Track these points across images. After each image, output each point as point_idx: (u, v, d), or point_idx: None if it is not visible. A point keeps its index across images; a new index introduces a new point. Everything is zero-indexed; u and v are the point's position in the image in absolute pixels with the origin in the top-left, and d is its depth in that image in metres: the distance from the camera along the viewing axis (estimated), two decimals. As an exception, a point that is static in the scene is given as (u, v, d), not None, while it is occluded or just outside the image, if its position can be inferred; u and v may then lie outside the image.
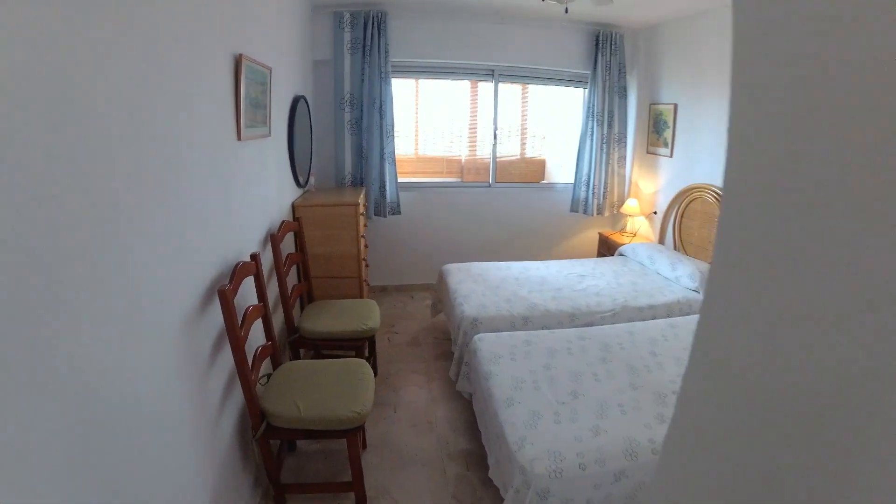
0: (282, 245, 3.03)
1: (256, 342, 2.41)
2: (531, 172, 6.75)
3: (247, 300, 2.36)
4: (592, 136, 4.87)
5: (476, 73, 4.86)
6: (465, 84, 5.49)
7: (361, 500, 2.32)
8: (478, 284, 3.67)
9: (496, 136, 5.05)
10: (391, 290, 5.05)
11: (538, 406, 2.30)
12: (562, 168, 6.40)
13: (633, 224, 5.16)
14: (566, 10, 3.41)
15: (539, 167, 6.85)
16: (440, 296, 4.03)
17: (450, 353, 3.67)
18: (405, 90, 5.35)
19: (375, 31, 4.21)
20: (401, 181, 4.78)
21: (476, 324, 3.10)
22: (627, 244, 4.67)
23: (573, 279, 3.92)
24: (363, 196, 4.05)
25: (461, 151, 5.90)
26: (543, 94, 6.18)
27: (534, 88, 5.98)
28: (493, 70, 4.80)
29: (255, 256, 2.32)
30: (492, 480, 2.34)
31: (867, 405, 0.54)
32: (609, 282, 3.90)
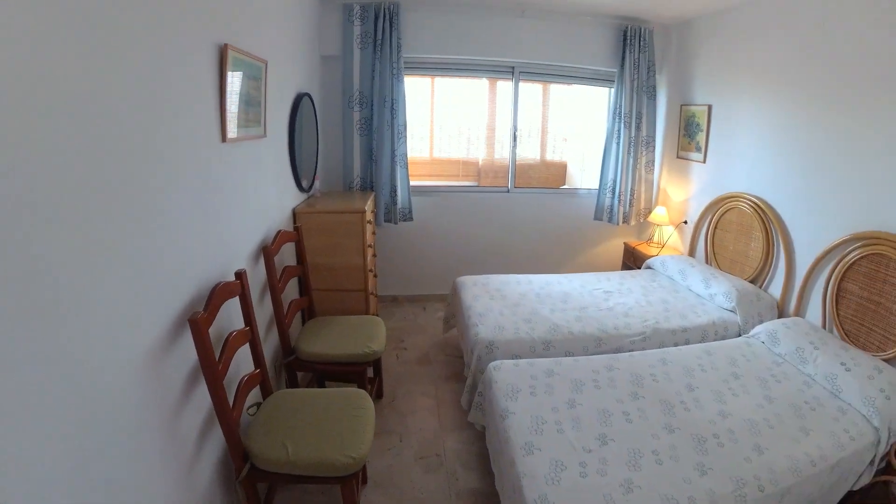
0: (281, 256, 2.76)
1: (244, 369, 2.15)
2: (552, 176, 6.42)
3: (231, 323, 2.09)
4: (619, 139, 4.53)
5: (495, 71, 4.54)
6: (483, 82, 5.20)
7: (358, 555, 2.05)
8: (495, 301, 3.36)
9: (516, 138, 4.73)
10: (402, 301, 4.76)
11: (561, 454, 2.00)
12: (584, 172, 6.08)
13: (661, 234, 4.81)
14: None
15: (560, 171, 6.53)
16: (453, 310, 3.73)
17: (461, 374, 3.38)
18: (419, 88, 5.07)
19: (387, 25, 3.91)
20: (414, 185, 4.49)
21: (492, 348, 2.80)
22: (656, 256, 4.33)
23: (599, 296, 3.60)
24: (372, 201, 3.76)
25: (478, 154, 5.61)
26: (565, 94, 5.86)
27: (555, 88, 5.67)
28: (514, 67, 4.48)
29: (241, 275, 2.05)
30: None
31: None
32: (638, 299, 3.57)
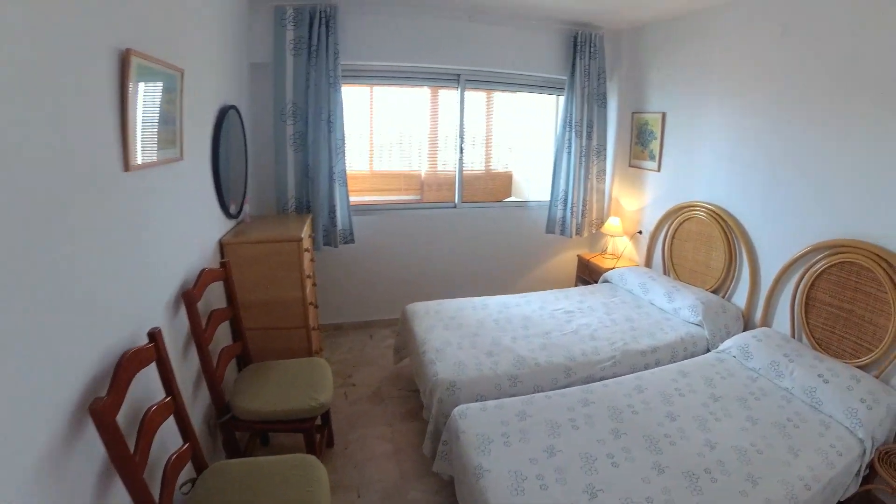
0: (207, 298, 2.36)
1: (171, 444, 1.76)
2: (497, 187, 6.24)
3: (149, 394, 1.70)
4: (570, 149, 4.36)
5: (439, 79, 4.26)
6: (425, 91, 4.94)
7: None
8: (451, 332, 3.06)
9: (462, 150, 4.46)
10: (347, 329, 4.38)
11: (550, 519, 1.72)
12: (531, 183, 5.92)
13: (616, 245, 4.68)
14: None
15: (505, 182, 6.35)
16: (404, 340, 3.40)
17: (419, 411, 3.06)
18: (358, 98, 4.74)
19: (323, 30, 3.55)
20: (355, 204, 4.13)
21: (454, 389, 2.49)
22: (613, 269, 4.17)
23: (561, 318, 3.37)
24: (309, 225, 3.38)
25: (421, 166, 5.34)
26: (510, 102, 5.69)
27: (499, 95, 5.50)
28: (459, 75, 4.22)
29: (156, 335, 1.66)
30: None
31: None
32: (601, 318, 3.38)
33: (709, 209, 3.59)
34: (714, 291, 3.58)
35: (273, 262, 2.81)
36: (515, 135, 6.01)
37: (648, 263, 4.28)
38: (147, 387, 1.68)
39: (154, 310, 1.88)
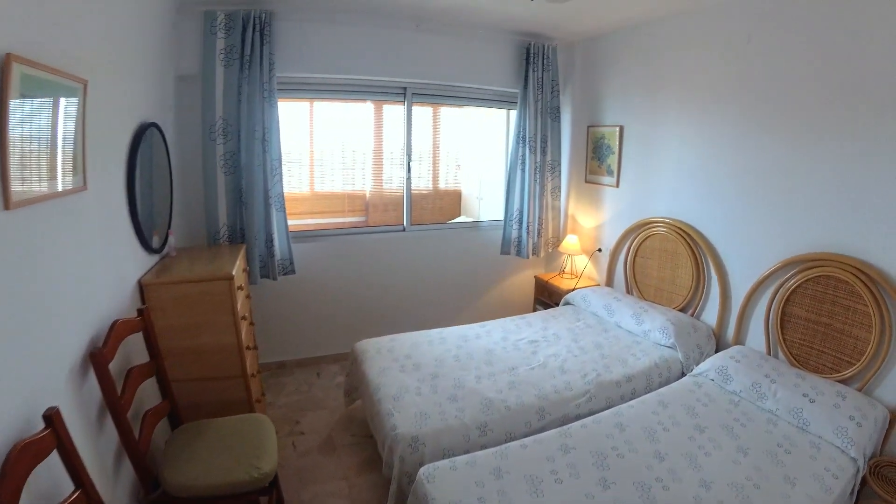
0: (125, 353, 1.95)
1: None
2: (446, 206, 5.99)
3: (54, 488, 1.31)
4: (524, 165, 4.14)
5: (385, 93, 3.95)
6: (369, 106, 4.65)
7: None
8: (407, 374, 2.71)
9: (409, 169, 4.16)
10: (291, 367, 3.94)
11: None
12: (483, 201, 5.70)
13: (574, 264, 4.48)
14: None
15: (454, 200, 6.11)
16: (355, 382, 3.03)
17: (376, 460, 2.69)
18: (296, 114, 4.39)
19: (257, 38, 3.16)
20: (295, 230, 3.74)
21: (417, 446, 2.14)
22: (575, 291, 3.96)
23: (526, 349, 3.09)
24: (243, 257, 2.97)
25: (365, 185, 5.03)
26: (457, 116, 5.48)
27: (446, 110, 5.28)
28: (406, 88, 3.92)
29: (52, 417, 1.25)
30: None
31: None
32: (569, 347, 3.13)
33: (673, 225, 3.44)
34: (682, 310, 3.42)
35: (202, 304, 2.39)
36: (464, 151, 5.80)
37: (610, 282, 4.09)
38: (51, 478, 1.30)
39: (54, 380, 1.48)
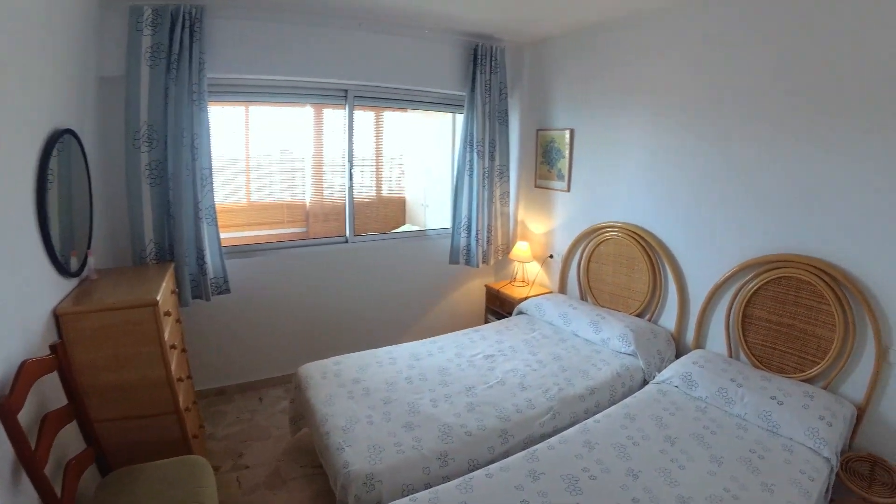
0: (39, 395, 1.62)
1: None
2: (390, 214, 5.77)
3: None
4: (472, 171, 3.98)
5: (325, 95, 3.68)
6: (308, 110, 4.38)
7: None
8: (356, 401, 2.46)
9: (351, 176, 3.90)
10: (231, 393, 3.58)
11: None
12: (428, 208, 5.52)
13: (525, 272, 4.36)
14: None
15: (398, 208, 5.91)
16: (301, 410, 2.76)
17: (329, 491, 2.42)
18: (230, 118, 4.07)
19: (186, 35, 2.83)
20: (229, 244, 3.41)
21: (373, 483, 1.90)
22: (529, 299, 3.82)
23: (482, 365, 2.91)
24: (171, 278, 2.64)
25: (305, 194, 4.76)
26: (401, 121, 5.29)
27: (389, 114, 5.08)
28: (347, 91, 3.67)
29: None
30: None
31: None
32: (527, 360, 2.97)
33: (628, 229, 3.36)
34: (639, 315, 3.35)
35: (125, 335, 2.06)
36: (408, 157, 5.61)
37: (563, 289, 3.99)
38: None
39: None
